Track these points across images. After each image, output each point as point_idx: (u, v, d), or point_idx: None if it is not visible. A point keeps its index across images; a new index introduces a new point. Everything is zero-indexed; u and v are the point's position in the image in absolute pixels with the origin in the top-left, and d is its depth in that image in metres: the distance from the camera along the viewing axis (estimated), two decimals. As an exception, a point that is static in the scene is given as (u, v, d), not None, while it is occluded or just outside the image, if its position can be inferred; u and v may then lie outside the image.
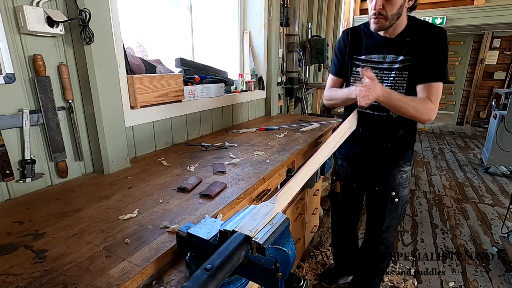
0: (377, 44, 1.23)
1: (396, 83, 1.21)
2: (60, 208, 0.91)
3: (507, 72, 6.46)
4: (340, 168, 1.58)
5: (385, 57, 1.21)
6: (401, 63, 1.18)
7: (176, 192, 1.03)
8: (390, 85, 1.22)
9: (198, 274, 0.44)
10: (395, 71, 1.19)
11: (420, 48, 1.14)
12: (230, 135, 1.90)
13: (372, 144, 1.36)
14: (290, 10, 2.86)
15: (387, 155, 1.35)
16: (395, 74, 1.20)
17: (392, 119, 1.27)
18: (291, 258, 0.60)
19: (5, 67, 0.92)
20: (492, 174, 3.84)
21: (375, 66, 1.23)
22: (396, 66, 1.19)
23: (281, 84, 2.94)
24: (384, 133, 1.32)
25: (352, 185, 1.56)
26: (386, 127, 1.30)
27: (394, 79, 1.20)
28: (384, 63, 1.21)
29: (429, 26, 1.17)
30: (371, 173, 1.44)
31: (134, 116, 1.40)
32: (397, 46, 1.18)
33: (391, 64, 1.20)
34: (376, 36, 1.22)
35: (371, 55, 1.24)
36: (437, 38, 1.14)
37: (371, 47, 1.24)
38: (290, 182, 0.84)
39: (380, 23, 1.12)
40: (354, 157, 1.48)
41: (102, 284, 0.59)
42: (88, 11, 1.04)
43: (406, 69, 1.18)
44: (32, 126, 1.01)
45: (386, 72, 1.21)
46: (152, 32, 1.79)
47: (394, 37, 1.19)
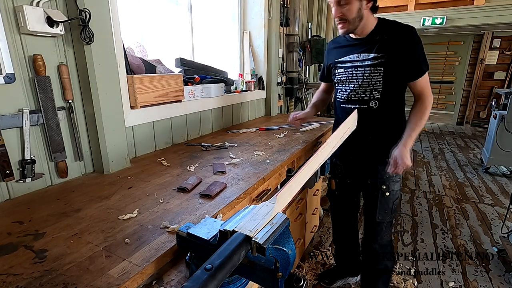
0: (352, 45, 1.36)
1: (372, 78, 1.31)
2: (60, 208, 0.91)
3: (507, 72, 6.46)
4: (334, 165, 1.65)
5: (359, 55, 1.33)
6: (374, 60, 1.28)
7: (176, 192, 1.03)
8: (366, 81, 1.32)
9: (198, 274, 0.44)
10: (368, 67, 1.30)
11: (391, 45, 1.24)
12: (230, 135, 1.90)
13: (359, 138, 1.39)
14: (290, 10, 2.86)
15: (375, 148, 1.41)
16: (370, 70, 1.30)
17: (373, 111, 1.35)
18: (291, 258, 0.60)
19: (5, 67, 0.92)
20: (492, 174, 3.84)
21: (351, 65, 1.36)
22: (369, 62, 1.29)
23: (281, 84, 2.94)
24: (368, 126, 1.37)
25: (346, 181, 1.61)
26: (369, 120, 1.36)
27: (370, 75, 1.30)
28: (358, 61, 1.33)
29: (396, 25, 1.27)
30: (362, 168, 1.49)
31: (134, 116, 1.40)
32: (368, 45, 1.30)
33: (364, 61, 1.31)
34: (350, 39, 1.37)
35: (348, 56, 1.37)
36: (407, 35, 1.24)
37: (348, 50, 1.37)
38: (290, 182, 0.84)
39: (345, 27, 1.26)
40: (345, 153, 1.54)
41: (102, 284, 0.59)
42: (88, 11, 1.04)
43: (380, 65, 1.28)
44: (32, 126, 1.01)
45: (360, 68, 1.33)
46: (152, 32, 1.79)
47: (366, 37, 1.30)
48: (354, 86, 1.36)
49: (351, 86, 1.38)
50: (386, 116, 1.36)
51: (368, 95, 1.34)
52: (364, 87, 1.34)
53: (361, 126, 1.34)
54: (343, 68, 1.40)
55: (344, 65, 1.39)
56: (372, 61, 1.29)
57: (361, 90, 1.35)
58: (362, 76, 1.33)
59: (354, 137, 1.36)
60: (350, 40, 1.37)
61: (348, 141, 1.39)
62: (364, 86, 1.34)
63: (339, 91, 1.45)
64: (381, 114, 1.35)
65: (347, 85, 1.40)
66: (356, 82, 1.35)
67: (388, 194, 1.42)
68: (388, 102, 1.33)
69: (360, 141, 1.42)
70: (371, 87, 1.32)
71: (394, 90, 1.33)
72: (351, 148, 1.47)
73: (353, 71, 1.35)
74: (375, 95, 1.33)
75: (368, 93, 1.34)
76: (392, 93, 1.33)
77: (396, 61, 1.25)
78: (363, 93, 1.35)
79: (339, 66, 1.42)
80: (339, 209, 1.75)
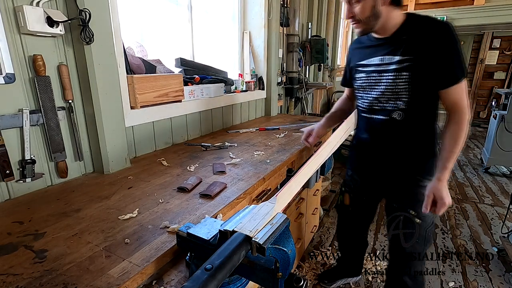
0: (375, 46, 1.18)
1: (397, 85, 1.12)
2: (60, 208, 0.91)
3: (507, 72, 6.46)
4: (350, 179, 1.46)
5: (383, 58, 1.14)
6: (399, 64, 1.09)
7: (176, 192, 1.03)
8: (390, 88, 1.13)
9: (198, 274, 0.44)
10: (392, 72, 1.11)
11: (420, 46, 1.04)
12: (230, 135, 1.90)
13: (382, 153, 1.25)
14: (290, 10, 2.86)
15: (402, 168, 1.22)
16: (394, 76, 1.11)
17: (397, 123, 1.16)
18: (291, 258, 0.60)
19: (5, 67, 0.92)
20: (492, 174, 3.84)
21: (374, 69, 1.18)
22: (393, 67, 1.10)
23: (281, 84, 2.94)
24: (391, 140, 1.21)
25: (362, 198, 1.44)
26: (391, 133, 1.20)
27: (393, 81, 1.12)
28: (381, 65, 1.15)
29: (428, 21, 1.05)
30: (385, 188, 1.32)
31: (134, 116, 1.40)
32: (392, 46, 1.11)
33: (388, 65, 1.13)
34: (373, 39, 1.18)
35: (370, 58, 1.19)
36: (440, 33, 1.02)
37: (371, 51, 1.20)
38: (290, 182, 0.84)
39: (359, 27, 1.10)
40: (364, 167, 1.37)
41: (102, 284, 0.59)
42: (88, 11, 1.04)
43: (406, 70, 1.08)
44: (32, 126, 1.01)
45: (384, 74, 1.14)
46: (152, 32, 1.79)
47: (390, 36, 1.12)
48: (377, 93, 1.18)
49: (374, 94, 1.20)
50: (412, 130, 1.17)
51: (391, 105, 1.16)
52: (387, 95, 1.15)
53: (384, 141, 1.23)
54: (364, 73, 1.22)
55: (366, 69, 1.21)
56: (397, 65, 1.09)
57: (384, 99, 1.17)
58: (385, 82, 1.14)
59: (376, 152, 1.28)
60: (373, 40, 1.18)
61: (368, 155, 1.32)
62: (387, 94, 1.15)
63: (359, 98, 1.29)
64: (406, 128, 1.16)
65: (368, 92, 1.22)
66: (378, 89, 1.18)
67: (419, 221, 1.22)
68: (415, 113, 1.13)
69: (384, 158, 1.26)
70: (395, 95, 1.13)
71: (424, 99, 1.12)
72: (372, 162, 1.31)
73: (376, 76, 1.17)
74: (399, 105, 1.14)
75: (392, 103, 1.15)
76: (421, 104, 1.12)
77: (426, 64, 1.04)
78: (386, 102, 1.17)
79: (360, 70, 1.25)
80: (349, 224, 1.60)
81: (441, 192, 1.08)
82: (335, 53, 4.71)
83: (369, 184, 1.39)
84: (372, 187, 1.38)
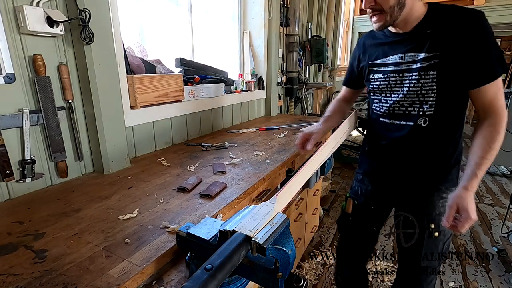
0: (393, 43, 1.02)
1: (422, 86, 0.96)
2: (60, 208, 0.91)
3: (507, 72, 6.46)
4: (360, 184, 1.27)
5: (403, 56, 0.99)
6: (424, 62, 0.93)
7: (176, 192, 1.03)
8: (413, 90, 0.98)
9: (198, 274, 0.44)
10: (417, 71, 0.96)
11: (449, 40, 0.89)
12: (230, 135, 1.90)
13: (402, 161, 1.10)
14: (290, 10, 2.86)
15: (423, 176, 1.07)
16: (418, 76, 0.96)
17: (422, 130, 1.01)
18: (291, 258, 0.60)
19: (5, 67, 0.92)
20: (492, 174, 3.84)
21: (393, 69, 1.02)
22: (417, 65, 0.95)
23: (281, 84, 2.94)
24: (414, 147, 1.06)
25: (369, 207, 1.24)
26: (415, 140, 1.04)
27: (418, 82, 0.96)
28: (403, 64, 0.99)
29: (455, 11, 0.90)
30: (400, 197, 1.16)
31: (134, 116, 1.40)
32: (415, 41, 0.96)
33: (410, 64, 0.97)
34: (390, 35, 1.03)
35: (387, 57, 1.04)
36: (471, 23, 0.87)
37: (387, 49, 1.04)
38: (290, 182, 0.84)
39: (380, 20, 0.93)
40: (379, 173, 1.20)
41: (102, 284, 0.59)
42: (88, 11, 1.04)
43: (433, 68, 0.93)
44: (32, 126, 1.01)
45: (407, 74, 0.99)
46: (152, 32, 1.79)
47: (412, 31, 0.96)
48: (398, 96, 1.02)
49: (394, 97, 1.04)
50: (438, 136, 1.02)
51: (416, 109, 1.00)
52: (411, 99, 1.00)
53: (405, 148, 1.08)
54: (381, 73, 1.06)
55: (383, 68, 1.06)
56: (422, 63, 0.94)
57: (407, 103, 1.01)
58: (408, 83, 0.99)
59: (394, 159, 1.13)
60: (391, 35, 1.02)
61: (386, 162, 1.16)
62: (411, 96, 0.99)
63: (376, 102, 1.12)
64: (434, 135, 1.02)
65: (388, 95, 1.06)
66: (400, 91, 1.02)
67: (437, 234, 1.07)
68: (442, 118, 0.99)
69: (403, 164, 1.11)
70: (420, 98, 0.98)
71: (453, 102, 0.97)
72: (389, 170, 1.16)
73: (396, 77, 1.02)
74: (425, 110, 0.98)
75: (417, 107, 0.99)
76: (449, 107, 0.97)
77: (457, 60, 0.89)
78: (410, 106, 1.01)
79: (375, 70, 1.09)
80: (350, 240, 1.34)
81: (466, 203, 0.87)
82: (335, 53, 4.71)
83: (382, 191, 1.21)
84: (384, 195, 1.21)
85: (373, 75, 1.10)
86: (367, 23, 5.40)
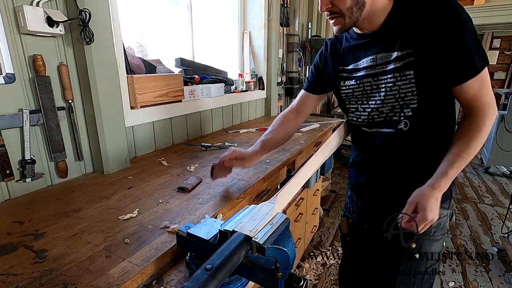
0: (361, 45, 0.91)
1: (400, 89, 0.85)
2: (60, 208, 0.91)
3: (507, 72, 6.46)
4: (350, 201, 1.17)
5: (375, 58, 0.88)
6: (398, 61, 0.83)
7: (176, 192, 1.03)
8: (391, 94, 0.87)
9: (198, 274, 0.44)
10: (392, 73, 0.85)
11: (421, 35, 0.79)
12: (230, 135, 1.90)
13: (385, 171, 0.98)
14: (290, 10, 2.86)
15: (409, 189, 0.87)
16: (394, 78, 0.85)
17: (405, 136, 0.90)
18: (291, 258, 0.60)
19: (5, 67, 0.92)
20: (492, 174, 3.84)
21: (366, 73, 0.91)
22: (392, 66, 0.85)
23: (281, 84, 2.94)
24: (397, 157, 0.94)
25: (362, 226, 1.11)
26: (398, 149, 0.93)
27: (394, 85, 0.86)
28: (376, 66, 0.88)
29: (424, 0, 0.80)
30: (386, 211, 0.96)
31: (134, 116, 1.40)
32: (384, 41, 0.85)
33: (384, 66, 0.87)
34: (356, 36, 0.92)
35: (358, 61, 0.93)
36: (444, 13, 0.76)
37: (357, 52, 0.94)
38: (290, 182, 0.84)
39: (339, 23, 0.85)
40: (364, 188, 1.08)
41: (102, 284, 0.59)
42: (88, 11, 1.04)
43: (408, 68, 0.82)
44: (32, 126, 1.01)
45: (381, 77, 0.88)
46: (152, 32, 1.79)
47: (379, 30, 0.86)
48: (376, 103, 0.91)
49: (372, 104, 0.93)
50: (426, 146, 0.90)
51: (397, 114, 0.89)
52: (390, 104, 0.88)
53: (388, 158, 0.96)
54: (353, 79, 0.95)
55: (355, 74, 0.95)
56: (396, 63, 0.84)
57: (387, 108, 0.90)
58: (384, 87, 0.88)
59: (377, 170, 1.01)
60: (357, 37, 0.92)
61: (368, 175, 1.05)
62: (390, 101, 0.88)
63: (353, 111, 1.00)
64: (419, 143, 0.90)
65: (365, 103, 0.95)
66: (377, 97, 0.90)
67: (418, 256, 0.93)
68: (426, 120, 0.87)
69: (386, 177, 0.99)
70: (400, 101, 0.87)
71: (437, 102, 0.86)
72: (373, 183, 1.03)
73: (371, 82, 0.91)
74: (406, 113, 0.87)
75: (398, 112, 0.88)
76: (435, 108, 0.86)
77: (432, 57, 0.79)
78: (390, 112, 0.90)
79: (346, 77, 0.98)
80: (350, 260, 1.21)
81: (427, 203, 0.77)
82: (335, 53, 4.70)
83: (370, 208, 1.08)
84: (373, 212, 1.06)
85: (344, 82, 0.99)
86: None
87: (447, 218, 0.98)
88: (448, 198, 0.93)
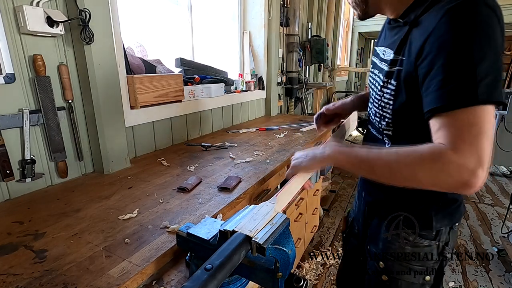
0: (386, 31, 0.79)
1: (383, 97, 0.72)
2: (60, 208, 0.91)
3: (507, 72, 6.46)
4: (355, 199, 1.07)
5: (384, 52, 0.75)
6: (390, 65, 0.70)
7: (176, 192, 1.03)
8: (377, 98, 0.76)
9: (198, 274, 0.44)
10: (384, 76, 0.72)
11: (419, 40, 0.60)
12: (230, 135, 1.90)
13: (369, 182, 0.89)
14: (290, 10, 2.86)
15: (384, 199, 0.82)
16: (382, 82, 0.72)
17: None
18: (291, 258, 0.60)
19: (5, 67, 0.92)
20: (492, 174, 3.84)
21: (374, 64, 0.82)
22: (386, 68, 0.72)
23: (281, 84, 2.94)
24: None
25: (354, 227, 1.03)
26: None
27: (380, 90, 0.73)
28: (382, 61, 0.76)
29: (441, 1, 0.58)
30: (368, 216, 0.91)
31: (134, 116, 1.40)
32: (396, 35, 0.71)
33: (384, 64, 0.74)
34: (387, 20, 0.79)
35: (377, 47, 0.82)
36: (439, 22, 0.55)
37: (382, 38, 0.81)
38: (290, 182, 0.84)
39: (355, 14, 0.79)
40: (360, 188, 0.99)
41: (102, 284, 0.59)
42: (88, 11, 1.04)
43: (394, 77, 0.68)
44: (32, 126, 1.01)
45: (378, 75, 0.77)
46: (152, 32, 1.79)
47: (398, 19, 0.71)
48: (371, 100, 0.82)
49: (370, 101, 0.83)
50: None
51: (377, 123, 0.78)
52: (375, 108, 0.78)
53: None
54: (371, 66, 0.84)
55: (373, 59, 0.84)
56: (388, 66, 0.71)
57: (372, 111, 0.81)
58: (375, 88, 0.78)
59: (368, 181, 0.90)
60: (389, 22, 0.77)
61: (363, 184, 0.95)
62: (375, 105, 0.78)
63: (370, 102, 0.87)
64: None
65: (371, 97, 0.82)
66: (373, 94, 0.79)
67: (386, 278, 0.81)
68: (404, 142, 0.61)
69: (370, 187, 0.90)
70: (379, 110, 0.75)
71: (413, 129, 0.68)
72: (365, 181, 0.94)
73: (373, 76, 0.81)
74: (383, 128, 0.76)
75: (378, 120, 0.78)
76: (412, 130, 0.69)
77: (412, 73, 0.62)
78: (375, 116, 0.79)
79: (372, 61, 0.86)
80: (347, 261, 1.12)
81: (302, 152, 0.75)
82: (335, 53, 4.71)
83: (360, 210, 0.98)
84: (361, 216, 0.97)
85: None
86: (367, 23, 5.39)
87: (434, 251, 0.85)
88: (429, 227, 0.78)
